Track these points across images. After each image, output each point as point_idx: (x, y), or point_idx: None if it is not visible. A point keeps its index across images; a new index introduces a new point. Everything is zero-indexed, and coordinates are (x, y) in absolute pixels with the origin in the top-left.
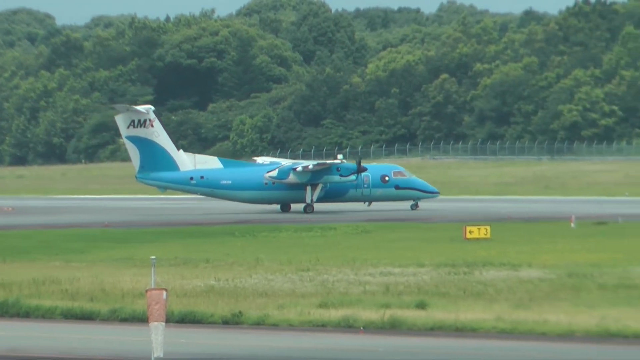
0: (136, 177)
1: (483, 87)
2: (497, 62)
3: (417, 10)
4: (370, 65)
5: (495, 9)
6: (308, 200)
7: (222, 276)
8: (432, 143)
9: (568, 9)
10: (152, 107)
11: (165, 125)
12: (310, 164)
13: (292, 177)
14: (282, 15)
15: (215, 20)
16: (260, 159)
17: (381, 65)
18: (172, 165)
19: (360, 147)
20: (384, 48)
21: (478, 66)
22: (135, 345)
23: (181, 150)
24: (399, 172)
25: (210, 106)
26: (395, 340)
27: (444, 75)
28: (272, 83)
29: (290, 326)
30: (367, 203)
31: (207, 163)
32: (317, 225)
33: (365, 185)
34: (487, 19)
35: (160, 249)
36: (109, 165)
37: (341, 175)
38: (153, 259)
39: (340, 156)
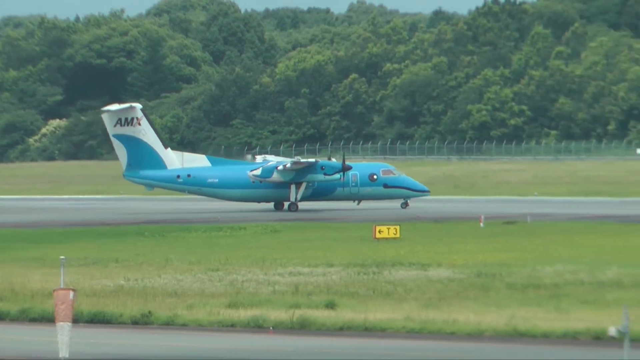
0: (123, 175)
1: (392, 87)
2: (407, 62)
3: (327, 11)
4: (279, 65)
5: (404, 9)
6: (292, 198)
7: (131, 276)
8: (342, 143)
9: (477, 9)
10: (140, 106)
11: (75, 126)
12: (288, 162)
13: (275, 176)
14: (191, 15)
15: (125, 20)
16: (260, 157)
17: (291, 65)
18: (159, 163)
19: (269, 147)
20: (294, 48)
21: (388, 66)
22: (43, 345)
23: (169, 149)
24: (388, 171)
25: None
26: (304, 340)
27: (354, 75)
28: (181, 83)
29: (200, 326)
30: (356, 202)
31: (195, 161)
32: (226, 226)
33: (353, 184)
34: (396, 19)
35: (71, 249)
36: (18, 165)
37: (325, 174)
38: (62, 259)
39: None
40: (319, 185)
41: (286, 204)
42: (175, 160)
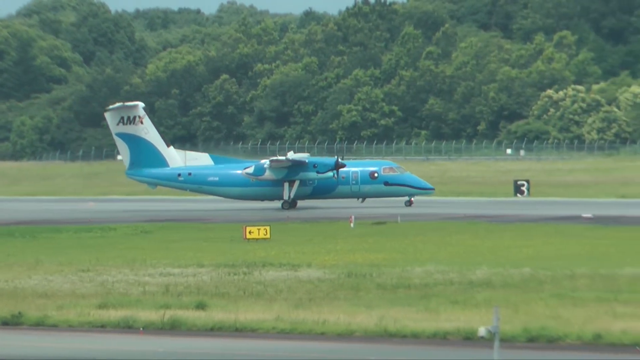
0: (126, 173)
1: (263, 88)
2: (277, 62)
3: (197, 11)
4: (150, 66)
5: (275, 10)
6: (286, 197)
7: (1, 277)
8: (212, 144)
9: (347, 9)
10: (142, 104)
11: None
12: (267, 161)
13: (267, 174)
14: (62, 16)
15: None
16: (288, 154)
17: (161, 65)
18: (161, 161)
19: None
20: (164, 48)
21: (258, 66)
22: None
23: (172, 147)
24: (390, 169)
25: None
26: (175, 340)
27: (224, 76)
28: (52, 84)
29: (70, 327)
30: (360, 200)
31: (198, 160)
32: (97, 226)
33: (354, 182)
34: (267, 20)
35: None
36: None
37: (318, 172)
38: None
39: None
40: (319, 183)
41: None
42: (178, 159)
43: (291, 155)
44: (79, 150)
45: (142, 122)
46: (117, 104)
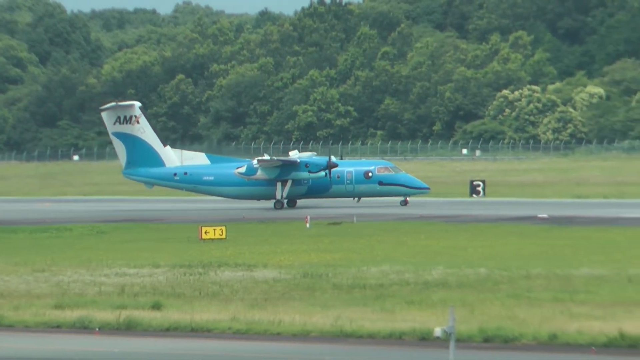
0: (123, 173)
1: (219, 88)
2: (233, 62)
3: (153, 11)
4: (105, 66)
5: (230, 10)
6: (278, 196)
7: None
8: (168, 144)
9: (303, 9)
10: (139, 104)
11: None
12: (254, 160)
13: (260, 174)
14: (17, 16)
15: None
16: (292, 153)
17: (117, 66)
18: (157, 161)
19: (95, 149)
20: (120, 49)
21: (214, 67)
22: None
23: (168, 147)
24: (385, 168)
25: None
26: (130, 341)
27: (180, 76)
28: (7, 84)
29: (26, 327)
30: (356, 199)
31: (194, 159)
32: (52, 227)
33: (348, 182)
34: (223, 20)
35: None
36: None
37: (310, 172)
38: None
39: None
40: (313, 183)
41: (279, 202)
42: (174, 158)
43: (296, 154)
44: (35, 151)
45: (138, 122)
46: (111, 104)
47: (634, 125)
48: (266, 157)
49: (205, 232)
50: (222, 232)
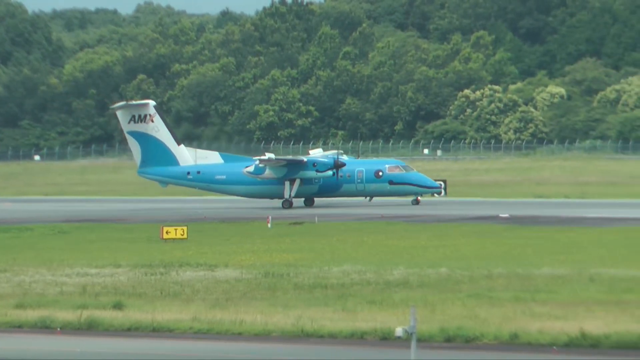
0: (137, 172)
1: (180, 88)
2: (195, 62)
3: (114, 11)
4: (67, 66)
5: (192, 10)
6: (286, 195)
7: None
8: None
9: (265, 9)
10: (154, 102)
11: None
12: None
13: (268, 173)
14: None
15: None
16: (312, 152)
17: (78, 66)
18: (171, 160)
19: (57, 149)
20: (81, 49)
21: (175, 67)
22: None
23: (182, 145)
24: (396, 167)
25: None
26: (92, 341)
27: (142, 76)
28: None
29: None
30: (368, 198)
31: (208, 158)
32: (14, 227)
33: (359, 180)
34: (184, 20)
35: None
36: None
37: (317, 171)
38: None
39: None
40: (324, 182)
41: (287, 201)
42: (188, 157)
43: (319, 152)
44: None
45: (152, 121)
46: (121, 103)
47: (595, 125)
48: (267, 156)
49: (167, 232)
50: (183, 232)
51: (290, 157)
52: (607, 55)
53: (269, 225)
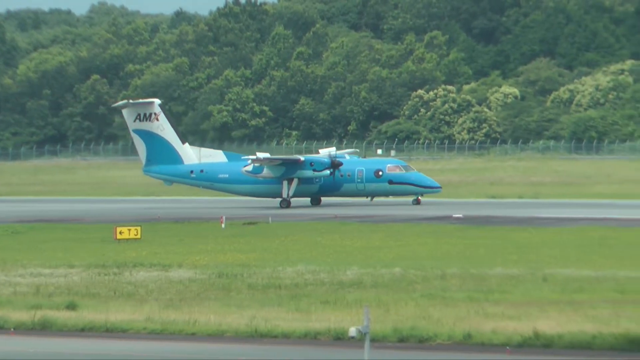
0: (143, 170)
1: (134, 88)
2: (148, 62)
3: (68, 12)
4: (21, 67)
5: (146, 10)
6: (284, 195)
7: None
8: (83, 144)
9: (218, 9)
10: (159, 101)
11: None
12: (253, 157)
13: (266, 172)
14: None
15: None
16: (323, 151)
17: (32, 66)
18: (176, 158)
19: (10, 149)
20: (35, 49)
21: (130, 67)
22: None
23: (187, 144)
24: (396, 167)
25: None
26: (45, 341)
27: (95, 76)
28: None
29: None
30: (369, 198)
31: (212, 157)
32: None
33: (359, 180)
34: (138, 20)
35: None
36: None
37: (314, 170)
38: None
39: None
40: (325, 182)
41: (285, 200)
42: (193, 156)
43: (331, 152)
44: None
45: (157, 119)
46: (123, 102)
47: (549, 125)
48: (257, 155)
49: (120, 232)
50: (137, 232)
51: (284, 156)
52: (561, 55)
53: (223, 225)
